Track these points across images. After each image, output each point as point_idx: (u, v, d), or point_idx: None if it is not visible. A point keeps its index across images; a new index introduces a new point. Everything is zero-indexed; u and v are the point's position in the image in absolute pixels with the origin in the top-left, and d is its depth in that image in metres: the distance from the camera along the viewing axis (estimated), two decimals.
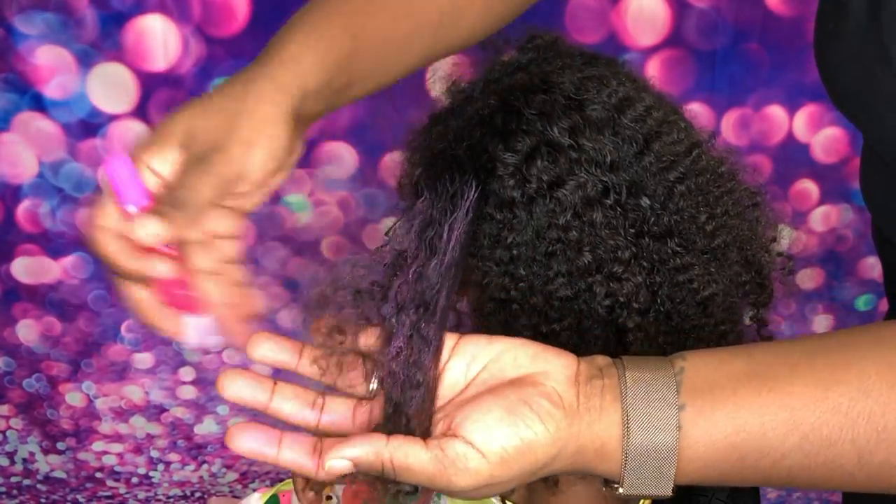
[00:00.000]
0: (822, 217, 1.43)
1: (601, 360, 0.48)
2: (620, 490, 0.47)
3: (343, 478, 0.45)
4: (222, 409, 1.59)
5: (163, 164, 0.51)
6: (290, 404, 0.47)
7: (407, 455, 0.44)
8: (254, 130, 0.51)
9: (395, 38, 0.60)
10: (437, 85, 0.65)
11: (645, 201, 0.57)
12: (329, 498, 1.09)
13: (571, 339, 0.58)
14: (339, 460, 0.44)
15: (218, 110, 0.51)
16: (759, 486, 0.63)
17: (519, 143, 0.56)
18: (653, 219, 0.57)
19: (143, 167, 0.51)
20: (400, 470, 0.44)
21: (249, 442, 0.45)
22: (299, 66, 0.53)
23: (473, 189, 0.51)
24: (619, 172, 0.56)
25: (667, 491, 0.47)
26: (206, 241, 0.51)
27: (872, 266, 1.48)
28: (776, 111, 1.31)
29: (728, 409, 0.46)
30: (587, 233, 0.56)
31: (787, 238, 0.65)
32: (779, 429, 0.46)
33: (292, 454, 0.46)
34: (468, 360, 0.48)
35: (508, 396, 0.45)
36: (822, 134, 1.34)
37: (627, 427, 0.45)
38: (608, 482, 0.48)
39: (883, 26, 0.57)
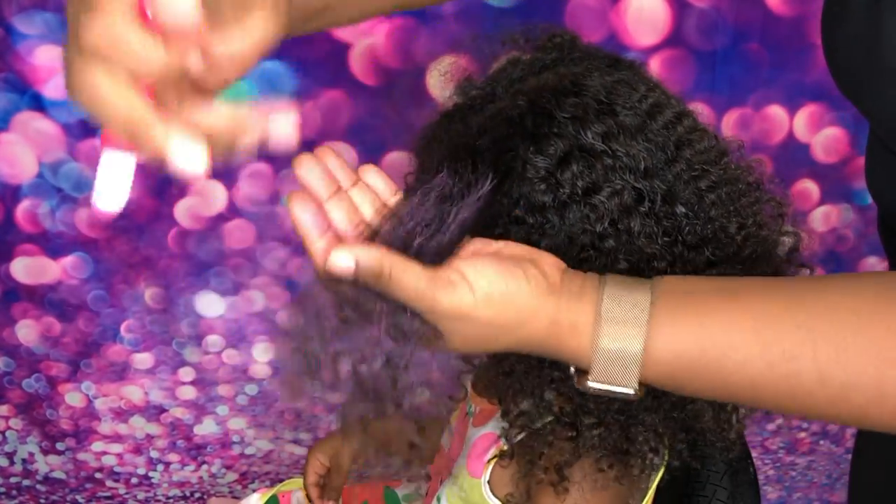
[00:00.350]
0: (823, 217, 1.43)
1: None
2: (589, 380, 0.50)
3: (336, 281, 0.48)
4: (222, 410, 1.59)
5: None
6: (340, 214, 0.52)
7: (405, 269, 0.48)
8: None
9: None
10: (439, 83, 0.64)
11: (680, 209, 0.57)
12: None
13: None
14: (345, 256, 0.47)
15: None
16: (730, 403, 0.63)
17: (551, 147, 0.56)
18: (687, 228, 0.57)
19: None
20: (395, 280, 0.47)
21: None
22: None
23: (489, 181, 0.51)
24: (653, 180, 0.56)
25: (632, 380, 0.49)
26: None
27: (873, 266, 1.48)
28: (776, 111, 1.31)
29: (696, 307, 0.49)
30: (624, 241, 0.56)
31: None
32: (742, 333, 0.48)
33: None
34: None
35: (503, 261, 0.50)
36: (822, 134, 1.34)
37: (599, 309, 0.49)
38: (578, 373, 0.51)
39: (884, 8, 0.57)
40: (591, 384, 0.50)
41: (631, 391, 0.49)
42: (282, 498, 1.09)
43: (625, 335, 0.48)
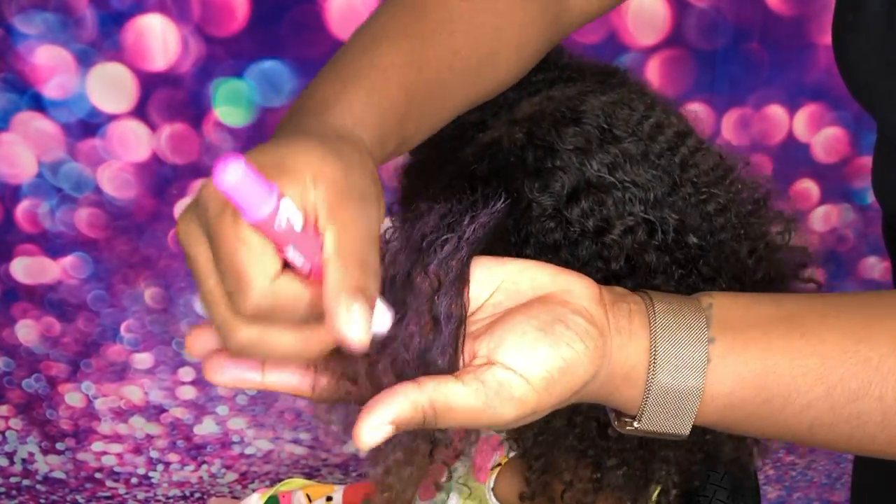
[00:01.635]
0: (823, 217, 1.43)
1: (620, 289, 0.47)
2: (635, 425, 0.45)
3: (380, 448, 0.41)
4: (222, 410, 1.59)
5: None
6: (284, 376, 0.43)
7: (446, 396, 0.40)
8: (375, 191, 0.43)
9: (439, 92, 0.54)
10: None
11: (692, 240, 0.53)
12: (329, 499, 1.09)
13: None
14: (377, 431, 0.39)
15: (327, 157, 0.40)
16: (779, 440, 0.60)
17: (557, 183, 0.53)
18: (701, 259, 0.54)
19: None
20: (442, 413, 0.40)
21: (228, 372, 0.41)
22: (366, 129, 0.47)
23: (501, 199, 0.46)
24: (663, 209, 0.53)
25: (685, 430, 0.45)
26: None
27: (873, 266, 1.48)
28: (776, 111, 1.31)
29: (759, 348, 0.44)
30: (640, 277, 0.53)
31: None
32: (808, 375, 0.44)
33: (279, 376, 0.42)
34: (478, 282, 0.44)
35: (539, 315, 0.42)
36: (822, 134, 1.34)
37: (655, 353, 0.43)
38: (620, 416, 0.47)
39: None
40: (639, 427, 0.46)
41: (683, 434, 0.46)
42: (282, 498, 1.09)
43: (683, 385, 0.44)
